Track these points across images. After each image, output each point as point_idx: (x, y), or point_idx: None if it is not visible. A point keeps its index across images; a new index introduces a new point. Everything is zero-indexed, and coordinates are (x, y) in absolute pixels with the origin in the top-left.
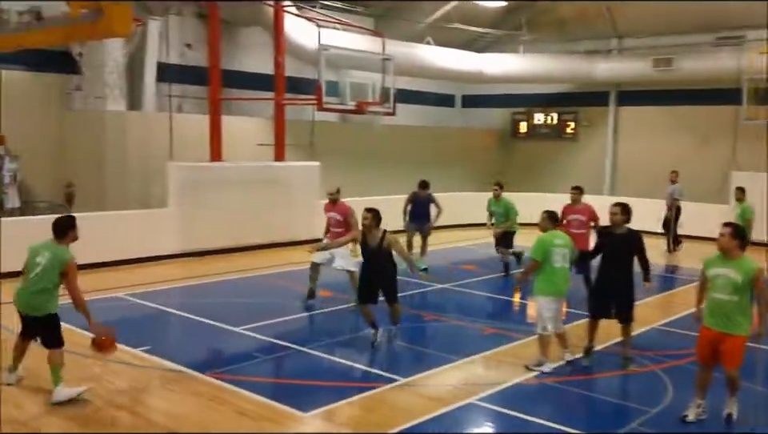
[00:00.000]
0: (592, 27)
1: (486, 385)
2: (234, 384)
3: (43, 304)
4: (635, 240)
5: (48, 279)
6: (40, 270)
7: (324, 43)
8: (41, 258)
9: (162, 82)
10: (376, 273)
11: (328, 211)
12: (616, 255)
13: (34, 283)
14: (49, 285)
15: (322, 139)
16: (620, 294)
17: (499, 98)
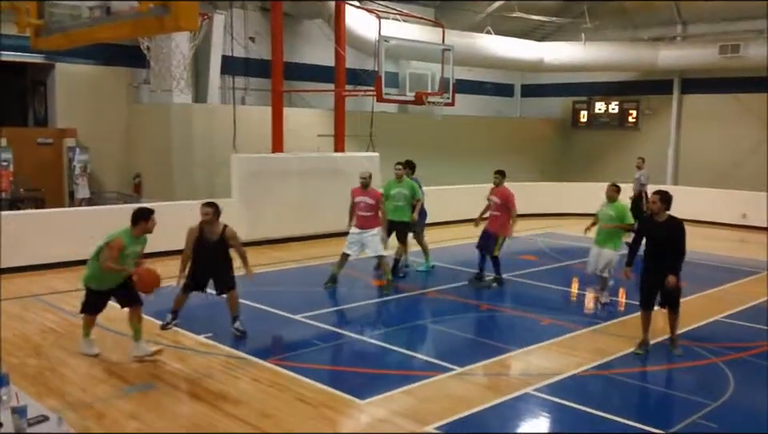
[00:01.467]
0: (656, 14)
1: (542, 375)
2: (294, 371)
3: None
4: (677, 228)
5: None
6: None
7: (384, 34)
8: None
9: (225, 74)
10: (209, 265)
11: (357, 195)
12: (658, 244)
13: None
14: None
15: (381, 130)
16: (663, 282)
17: (559, 87)
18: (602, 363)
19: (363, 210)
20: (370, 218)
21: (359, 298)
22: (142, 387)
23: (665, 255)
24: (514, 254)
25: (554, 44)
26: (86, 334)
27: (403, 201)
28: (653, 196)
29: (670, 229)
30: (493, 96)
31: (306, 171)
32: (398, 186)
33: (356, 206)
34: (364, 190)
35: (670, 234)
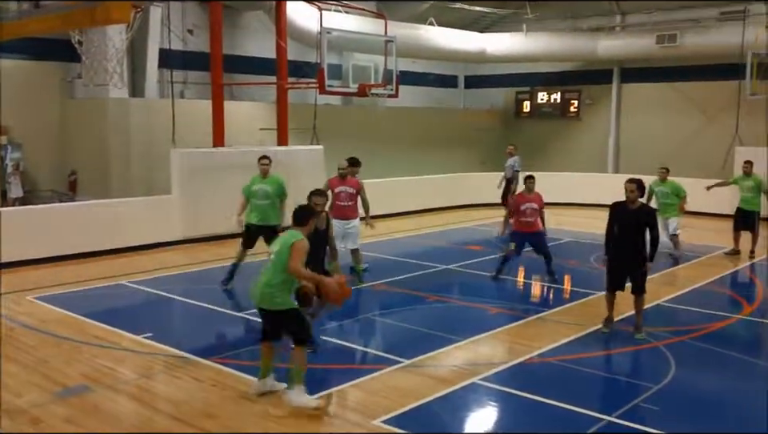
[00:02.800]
0: (595, 4)
1: (490, 365)
2: (238, 369)
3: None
4: (648, 215)
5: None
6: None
7: (326, 26)
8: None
9: (164, 68)
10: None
11: (336, 186)
12: (628, 230)
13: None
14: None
15: (325, 123)
16: (632, 267)
17: (502, 77)
18: (547, 350)
19: (343, 199)
20: (350, 208)
21: None
22: (78, 389)
23: (635, 241)
24: (461, 244)
25: (496, 35)
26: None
27: (264, 199)
28: (629, 185)
29: (643, 216)
30: (436, 87)
31: (248, 166)
32: (260, 182)
33: (336, 196)
34: (343, 180)
35: (642, 220)
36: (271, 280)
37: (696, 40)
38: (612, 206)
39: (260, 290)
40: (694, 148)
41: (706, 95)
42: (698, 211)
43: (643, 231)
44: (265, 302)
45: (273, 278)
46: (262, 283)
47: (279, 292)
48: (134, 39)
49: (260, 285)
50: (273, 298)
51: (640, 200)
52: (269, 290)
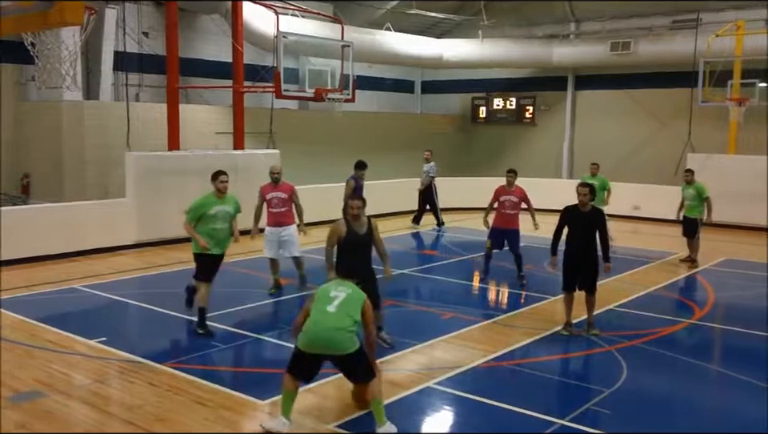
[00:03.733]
0: (550, 12)
1: (444, 369)
2: (192, 374)
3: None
4: (599, 218)
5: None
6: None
7: (282, 30)
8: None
9: (119, 70)
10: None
11: (269, 192)
12: (581, 232)
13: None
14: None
15: (281, 127)
16: (586, 268)
17: (458, 83)
18: (500, 354)
19: (276, 206)
20: (284, 214)
21: (258, 298)
22: (31, 395)
23: (587, 243)
24: (416, 249)
25: (453, 41)
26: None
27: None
28: (582, 189)
29: (595, 218)
30: (393, 92)
31: (203, 169)
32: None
33: (268, 203)
34: (275, 185)
35: (594, 223)
36: (345, 324)
37: (649, 48)
38: (564, 210)
39: (332, 334)
40: (647, 154)
41: (659, 102)
42: (652, 217)
43: (594, 232)
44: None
45: (345, 322)
46: (333, 328)
47: (351, 334)
48: (88, 41)
49: (331, 329)
50: (347, 341)
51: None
52: (346, 334)
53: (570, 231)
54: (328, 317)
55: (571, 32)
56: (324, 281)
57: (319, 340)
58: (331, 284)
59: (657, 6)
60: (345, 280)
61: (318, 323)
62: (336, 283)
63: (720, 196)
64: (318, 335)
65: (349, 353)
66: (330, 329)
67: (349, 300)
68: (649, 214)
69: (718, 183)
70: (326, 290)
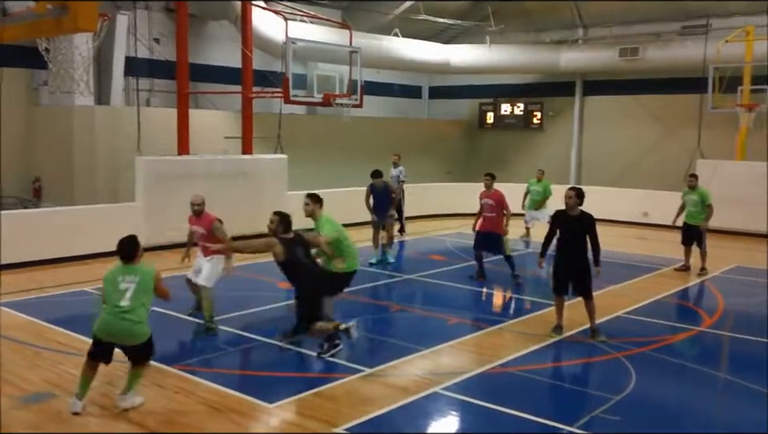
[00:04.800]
0: (558, 17)
1: (451, 374)
2: (201, 376)
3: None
4: (588, 222)
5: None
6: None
7: (291, 36)
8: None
9: (130, 76)
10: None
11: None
12: (570, 236)
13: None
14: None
15: (289, 132)
16: (576, 272)
17: (466, 89)
18: (507, 360)
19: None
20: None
21: (267, 301)
22: (41, 396)
23: (576, 247)
24: (423, 254)
25: (460, 46)
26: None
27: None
28: (569, 192)
29: (583, 223)
30: (401, 98)
31: (212, 174)
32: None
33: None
34: (197, 217)
35: (582, 227)
36: (139, 317)
37: (658, 54)
38: (554, 214)
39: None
40: (656, 160)
41: (668, 108)
42: (660, 224)
43: (584, 237)
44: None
45: (139, 314)
46: (128, 322)
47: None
48: (100, 47)
49: (126, 323)
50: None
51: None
52: (140, 326)
53: (560, 235)
54: (123, 312)
55: (579, 37)
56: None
57: (115, 332)
58: (118, 270)
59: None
60: (128, 265)
61: (112, 318)
62: (122, 268)
63: (729, 202)
64: (113, 328)
65: (142, 343)
66: (125, 323)
67: (139, 289)
68: (657, 221)
69: (728, 189)
70: (114, 279)
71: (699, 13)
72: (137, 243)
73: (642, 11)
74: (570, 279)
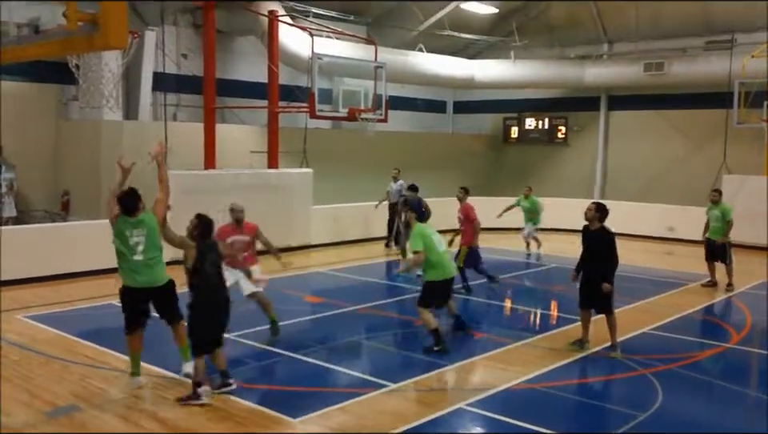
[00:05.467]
0: (582, 33)
1: (476, 390)
2: None
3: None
4: (606, 239)
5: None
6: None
7: (317, 52)
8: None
9: (157, 91)
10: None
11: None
12: (590, 252)
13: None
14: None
15: (314, 146)
16: (595, 286)
17: (490, 103)
18: (533, 376)
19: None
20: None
21: (292, 315)
22: (67, 409)
23: (595, 262)
24: None
25: (485, 62)
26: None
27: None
28: (589, 206)
29: (600, 238)
30: (426, 112)
31: (238, 188)
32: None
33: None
34: (238, 226)
35: (600, 243)
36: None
37: (683, 69)
38: (582, 229)
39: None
40: (681, 175)
41: (694, 123)
42: (687, 239)
43: (602, 252)
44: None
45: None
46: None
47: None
48: (129, 62)
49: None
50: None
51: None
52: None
53: (582, 250)
54: (140, 264)
55: (604, 52)
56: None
57: (140, 281)
58: (124, 225)
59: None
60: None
61: (133, 271)
62: (127, 222)
63: (757, 218)
64: (138, 278)
65: (165, 285)
66: (146, 271)
67: (149, 240)
68: (684, 236)
69: (755, 205)
70: (122, 234)
71: (724, 28)
72: (137, 196)
73: (667, 26)
74: (592, 293)
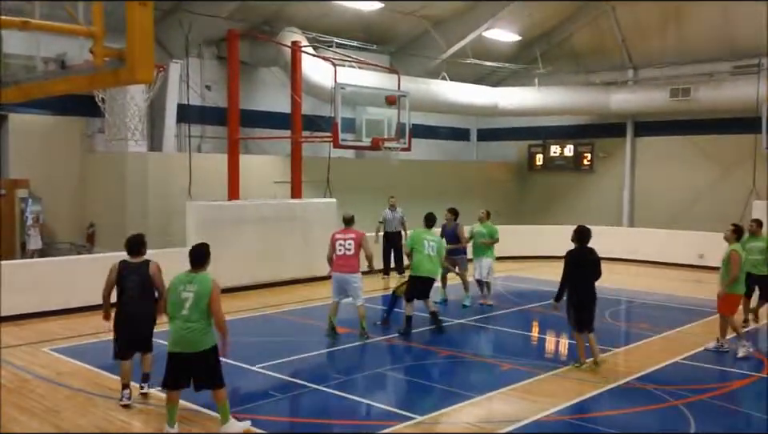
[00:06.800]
0: (607, 59)
1: (505, 422)
2: (251, 423)
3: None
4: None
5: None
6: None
7: (340, 81)
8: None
9: (181, 122)
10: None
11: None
12: (575, 273)
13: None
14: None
15: (338, 176)
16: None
17: (515, 131)
18: (562, 407)
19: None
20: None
21: (317, 347)
22: None
23: (580, 283)
24: (474, 298)
25: (508, 89)
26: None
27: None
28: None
29: (587, 259)
30: (449, 140)
31: (262, 218)
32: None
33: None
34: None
35: (588, 264)
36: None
37: (710, 94)
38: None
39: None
40: (710, 201)
41: (722, 148)
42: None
43: (588, 274)
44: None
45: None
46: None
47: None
48: (154, 95)
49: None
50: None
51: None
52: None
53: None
54: (185, 321)
55: (629, 78)
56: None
57: (180, 341)
58: (181, 279)
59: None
60: (191, 272)
61: (177, 328)
62: (185, 276)
63: None
64: (179, 337)
65: (206, 350)
66: (188, 332)
67: (197, 299)
68: (714, 263)
69: None
70: (176, 288)
71: (750, 52)
72: (204, 251)
73: (693, 51)
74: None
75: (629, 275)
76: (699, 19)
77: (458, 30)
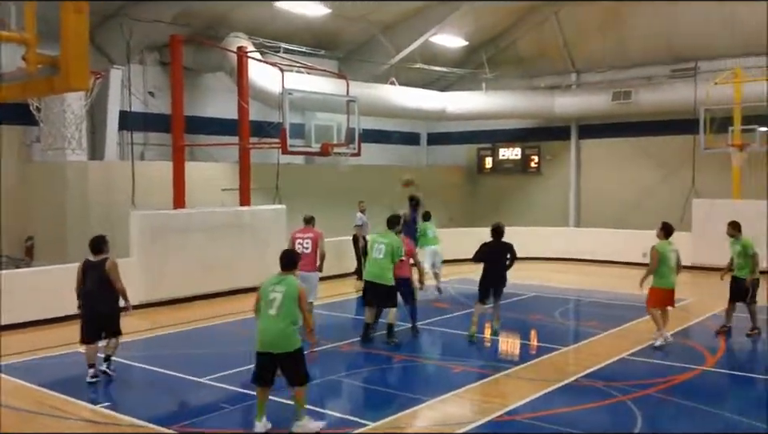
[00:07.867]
0: (551, 63)
1: (458, 424)
2: None
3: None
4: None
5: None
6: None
7: (288, 87)
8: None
9: (124, 130)
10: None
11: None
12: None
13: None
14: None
15: (287, 182)
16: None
17: (464, 135)
18: (514, 407)
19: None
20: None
21: None
22: None
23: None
24: (428, 301)
25: (456, 93)
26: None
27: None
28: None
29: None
30: (399, 145)
31: (210, 227)
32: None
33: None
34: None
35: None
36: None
37: (650, 97)
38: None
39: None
40: (653, 201)
41: (663, 149)
42: None
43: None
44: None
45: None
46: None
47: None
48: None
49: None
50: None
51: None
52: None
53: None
54: (272, 321)
55: (573, 82)
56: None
57: (268, 339)
58: (271, 280)
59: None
60: (281, 274)
61: (265, 327)
62: (275, 278)
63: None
64: (266, 336)
65: (292, 351)
66: (275, 331)
67: (285, 299)
68: None
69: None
70: (266, 289)
71: (688, 56)
72: (293, 255)
73: (633, 55)
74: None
75: (576, 275)
76: (638, 24)
77: (405, 35)
